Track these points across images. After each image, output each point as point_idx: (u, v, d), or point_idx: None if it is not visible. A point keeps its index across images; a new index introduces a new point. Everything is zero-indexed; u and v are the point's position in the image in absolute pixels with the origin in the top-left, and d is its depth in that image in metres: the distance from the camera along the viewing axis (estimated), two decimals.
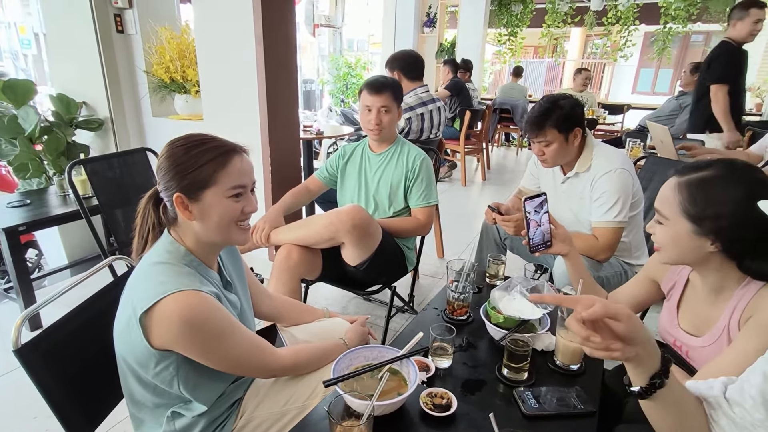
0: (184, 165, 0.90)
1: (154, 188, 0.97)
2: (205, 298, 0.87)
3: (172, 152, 0.92)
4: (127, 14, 2.86)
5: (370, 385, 0.91)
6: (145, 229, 0.98)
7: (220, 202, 0.92)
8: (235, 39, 2.24)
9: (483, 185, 5.10)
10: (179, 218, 0.94)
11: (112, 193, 2.05)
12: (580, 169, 1.66)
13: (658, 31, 6.71)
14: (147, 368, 0.90)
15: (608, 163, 1.60)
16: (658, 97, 9.47)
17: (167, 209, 0.95)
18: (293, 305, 1.33)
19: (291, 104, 2.53)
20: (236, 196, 0.94)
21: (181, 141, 0.93)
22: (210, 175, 0.90)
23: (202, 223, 0.93)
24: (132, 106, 3.02)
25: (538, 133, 1.60)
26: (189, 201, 0.91)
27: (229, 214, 0.93)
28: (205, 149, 0.92)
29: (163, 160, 0.93)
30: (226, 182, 0.92)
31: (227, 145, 0.94)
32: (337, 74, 8.82)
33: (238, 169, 0.93)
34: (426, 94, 2.70)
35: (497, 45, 7.98)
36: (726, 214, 0.83)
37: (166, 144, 0.95)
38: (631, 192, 1.60)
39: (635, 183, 1.64)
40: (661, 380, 0.67)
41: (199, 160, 0.90)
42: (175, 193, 0.90)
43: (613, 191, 1.57)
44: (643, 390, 0.68)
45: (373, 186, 1.90)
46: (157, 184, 0.95)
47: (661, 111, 4.30)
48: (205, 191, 0.91)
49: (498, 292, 1.19)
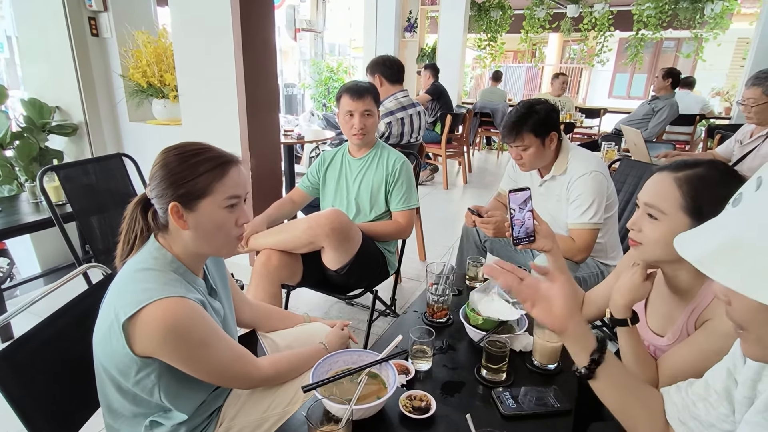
0: (181, 174, 0.90)
1: (143, 194, 0.95)
2: (191, 305, 0.87)
3: (167, 161, 0.91)
4: (102, 17, 2.81)
5: (350, 389, 0.91)
6: (132, 235, 0.96)
7: (215, 212, 0.92)
8: (213, 43, 2.22)
9: (464, 188, 5.16)
10: (171, 226, 0.93)
11: (86, 200, 2.01)
12: (557, 172, 1.70)
13: (632, 37, 6.91)
14: (127, 376, 0.88)
15: (583, 166, 1.64)
16: (633, 101, 9.73)
17: (157, 216, 0.94)
18: (273, 312, 1.33)
19: (271, 108, 2.52)
20: (231, 207, 0.94)
21: (177, 150, 0.93)
22: (207, 185, 0.90)
23: (195, 232, 0.92)
24: (108, 111, 2.96)
25: (516, 138, 1.63)
26: (184, 210, 0.91)
27: (223, 225, 0.93)
28: (202, 159, 0.91)
29: (157, 169, 0.92)
30: (222, 193, 0.92)
31: (224, 156, 0.94)
32: (319, 78, 8.81)
33: (234, 180, 0.94)
34: (406, 99, 2.73)
35: (478, 50, 8.09)
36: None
37: (161, 152, 0.93)
38: (606, 194, 1.64)
39: (610, 185, 1.68)
40: (599, 356, 0.74)
41: (196, 171, 0.90)
42: (170, 201, 0.89)
43: (588, 194, 1.61)
44: (587, 368, 0.74)
45: (354, 190, 1.91)
46: (146, 190, 0.94)
47: (634, 115, 4.42)
48: (201, 201, 0.90)
49: (477, 294, 1.21)
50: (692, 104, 5.43)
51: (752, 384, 0.62)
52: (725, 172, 0.90)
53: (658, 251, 0.92)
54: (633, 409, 0.77)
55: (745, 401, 0.63)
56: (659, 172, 0.94)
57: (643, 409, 0.77)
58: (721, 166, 0.92)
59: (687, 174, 0.89)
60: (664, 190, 0.90)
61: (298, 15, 9.50)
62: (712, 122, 5.66)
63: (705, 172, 0.89)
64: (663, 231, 0.90)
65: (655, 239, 0.91)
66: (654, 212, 0.91)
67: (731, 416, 0.65)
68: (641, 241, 0.94)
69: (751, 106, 2.20)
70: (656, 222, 0.91)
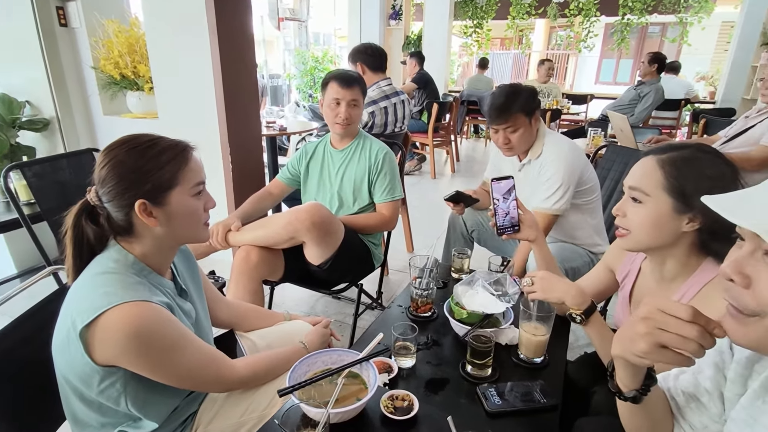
0: (143, 169, 0.84)
1: (84, 201, 0.88)
2: (155, 309, 0.81)
3: (119, 159, 0.84)
4: (71, 6, 2.68)
5: (329, 391, 0.87)
6: (84, 248, 0.88)
7: (185, 201, 0.89)
8: (187, 31, 2.13)
9: (452, 177, 5.13)
10: (136, 227, 0.87)
11: (55, 198, 1.92)
12: (533, 155, 1.70)
13: (617, 22, 6.89)
14: (90, 386, 0.83)
15: (556, 150, 1.64)
16: (619, 87, 9.74)
17: (112, 220, 0.87)
18: (252, 310, 1.28)
19: (250, 99, 2.44)
20: (198, 194, 0.92)
21: (128, 145, 0.86)
22: (173, 175, 0.87)
23: (167, 227, 0.88)
24: (80, 105, 2.84)
25: (507, 119, 1.60)
26: (153, 206, 0.86)
27: (194, 213, 0.91)
28: (161, 149, 0.87)
29: (109, 169, 0.84)
30: (189, 180, 0.89)
31: (181, 143, 0.90)
32: (304, 68, 8.66)
33: (198, 165, 0.92)
34: (389, 87, 2.67)
35: (464, 37, 8.00)
36: (717, 188, 0.83)
37: (105, 151, 0.86)
38: (576, 181, 1.63)
39: (586, 168, 1.67)
40: (653, 378, 0.65)
41: (158, 162, 0.85)
42: (135, 200, 0.84)
43: (555, 179, 1.61)
44: (639, 392, 0.65)
45: (337, 183, 1.86)
46: (89, 195, 0.87)
47: (621, 100, 4.40)
48: (171, 193, 0.86)
49: (461, 287, 1.18)
50: (677, 89, 5.44)
51: (742, 381, 0.59)
52: (711, 153, 0.88)
53: (644, 237, 0.91)
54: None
55: (735, 399, 0.60)
56: (645, 156, 0.93)
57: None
58: (708, 148, 0.90)
59: (671, 156, 0.88)
60: (647, 172, 0.90)
61: (282, 3, 9.29)
62: (697, 107, 5.68)
63: (689, 154, 0.88)
64: (646, 213, 0.89)
65: (639, 223, 0.90)
66: (637, 195, 0.90)
67: (723, 415, 0.62)
68: (628, 228, 0.93)
69: None
70: (640, 205, 0.90)
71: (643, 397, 0.64)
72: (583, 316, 0.96)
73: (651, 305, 0.56)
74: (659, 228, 0.89)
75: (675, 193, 0.86)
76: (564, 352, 1.15)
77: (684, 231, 0.87)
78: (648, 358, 0.57)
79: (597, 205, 1.74)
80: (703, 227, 0.86)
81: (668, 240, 0.90)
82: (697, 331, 0.53)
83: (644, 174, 0.90)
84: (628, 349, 0.59)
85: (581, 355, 1.28)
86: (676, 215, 0.87)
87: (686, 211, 0.86)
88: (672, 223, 0.87)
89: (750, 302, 0.49)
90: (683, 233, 0.88)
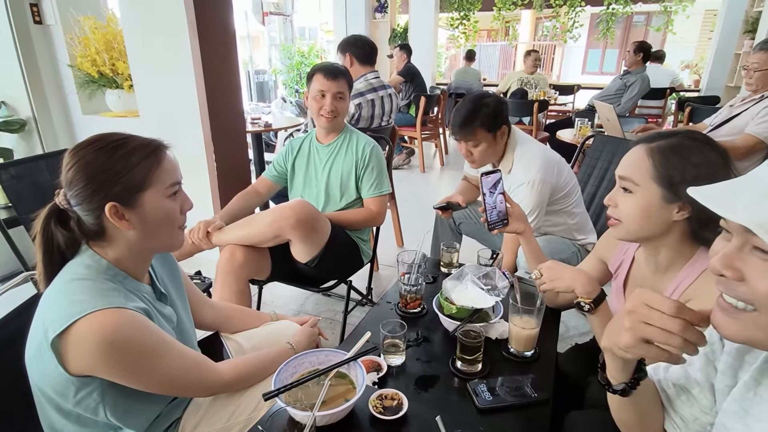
0: (112, 170, 0.80)
1: (53, 204, 0.84)
2: (130, 315, 0.78)
3: (87, 160, 0.80)
4: (45, 3, 2.59)
5: (317, 392, 0.85)
6: (55, 255, 0.84)
7: (160, 203, 0.84)
8: (166, 26, 2.07)
9: (442, 170, 5.11)
10: (108, 230, 0.83)
11: (33, 201, 1.86)
12: (504, 169, 1.66)
13: (603, 12, 6.90)
14: (66, 397, 0.80)
15: (525, 171, 1.58)
16: (606, 77, 9.81)
17: (82, 224, 0.83)
18: (237, 311, 1.25)
19: (233, 95, 2.39)
20: (174, 195, 0.87)
21: (95, 145, 0.82)
22: (145, 176, 0.82)
23: (141, 230, 0.84)
24: (57, 104, 2.76)
25: (468, 135, 1.57)
26: (125, 209, 0.81)
27: (169, 215, 0.86)
28: (131, 149, 0.82)
29: (76, 171, 0.80)
30: (163, 181, 0.84)
31: (153, 142, 0.86)
32: (290, 63, 8.54)
33: (172, 165, 0.87)
34: (376, 80, 2.63)
35: (451, 29, 7.96)
36: (704, 176, 0.82)
37: (71, 152, 0.81)
38: (548, 197, 1.60)
39: (560, 178, 1.63)
40: (644, 372, 0.64)
41: (129, 162, 0.81)
42: (106, 203, 0.79)
43: (526, 204, 1.55)
44: (629, 385, 0.64)
45: (324, 178, 1.83)
46: (58, 199, 0.83)
47: (607, 90, 4.41)
48: (143, 194, 0.82)
49: (450, 282, 1.16)
50: (663, 78, 5.47)
51: (733, 372, 0.58)
52: (700, 140, 0.87)
53: (634, 227, 0.90)
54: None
55: (725, 390, 0.59)
56: (635, 145, 0.92)
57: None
58: (698, 135, 0.88)
59: (659, 144, 0.87)
60: (637, 162, 0.89)
61: None
62: (682, 95, 5.72)
63: (678, 142, 0.87)
64: (636, 203, 0.88)
65: (629, 213, 0.90)
66: (627, 184, 0.90)
67: (714, 407, 0.61)
68: (619, 218, 0.92)
69: (754, 71, 2.19)
70: (630, 195, 0.90)
71: (632, 390, 0.63)
72: (592, 305, 0.94)
73: (637, 299, 0.55)
74: (649, 217, 0.88)
75: (663, 182, 0.85)
76: (554, 344, 1.15)
77: (675, 220, 0.86)
78: (631, 353, 0.56)
79: (576, 205, 1.71)
80: (692, 216, 0.85)
81: (659, 229, 0.89)
82: (680, 326, 0.52)
83: (633, 163, 0.89)
84: (614, 342, 0.58)
85: (572, 346, 1.28)
86: (665, 204, 0.86)
87: (675, 200, 0.85)
88: (662, 212, 0.86)
89: (748, 296, 0.47)
90: (674, 222, 0.87)
